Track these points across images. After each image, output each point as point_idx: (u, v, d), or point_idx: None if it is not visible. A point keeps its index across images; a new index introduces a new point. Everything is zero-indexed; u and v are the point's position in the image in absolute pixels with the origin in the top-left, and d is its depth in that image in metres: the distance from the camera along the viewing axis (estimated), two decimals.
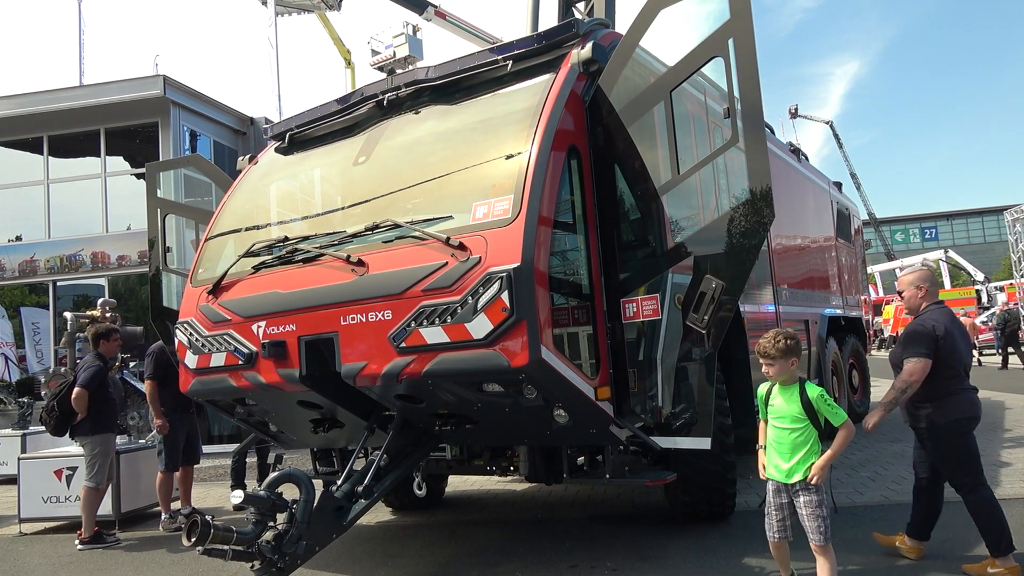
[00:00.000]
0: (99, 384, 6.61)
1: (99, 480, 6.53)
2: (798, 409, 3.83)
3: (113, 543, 6.50)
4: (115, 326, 7.44)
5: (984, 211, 71.12)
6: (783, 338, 3.84)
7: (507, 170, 4.31)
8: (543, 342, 4.01)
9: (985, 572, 4.28)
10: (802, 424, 3.82)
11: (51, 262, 18.50)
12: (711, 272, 4.27)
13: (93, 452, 6.54)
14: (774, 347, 3.83)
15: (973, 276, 39.52)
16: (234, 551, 4.00)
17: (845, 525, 5.36)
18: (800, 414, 3.82)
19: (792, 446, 3.85)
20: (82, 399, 6.45)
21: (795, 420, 3.84)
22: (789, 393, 3.89)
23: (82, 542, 6.43)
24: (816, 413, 3.81)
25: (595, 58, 4.69)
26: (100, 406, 6.60)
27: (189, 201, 10.11)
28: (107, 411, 6.68)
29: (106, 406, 6.67)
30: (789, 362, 3.85)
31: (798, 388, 3.87)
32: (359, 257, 4.54)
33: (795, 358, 3.87)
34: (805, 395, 3.82)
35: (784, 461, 3.87)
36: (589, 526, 5.98)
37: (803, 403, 3.81)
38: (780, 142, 8.74)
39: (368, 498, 4.62)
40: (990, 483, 6.17)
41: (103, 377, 6.70)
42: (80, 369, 6.76)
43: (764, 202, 4.15)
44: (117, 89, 17.67)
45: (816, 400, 3.79)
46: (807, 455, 3.80)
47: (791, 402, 3.86)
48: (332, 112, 5.78)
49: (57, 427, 6.64)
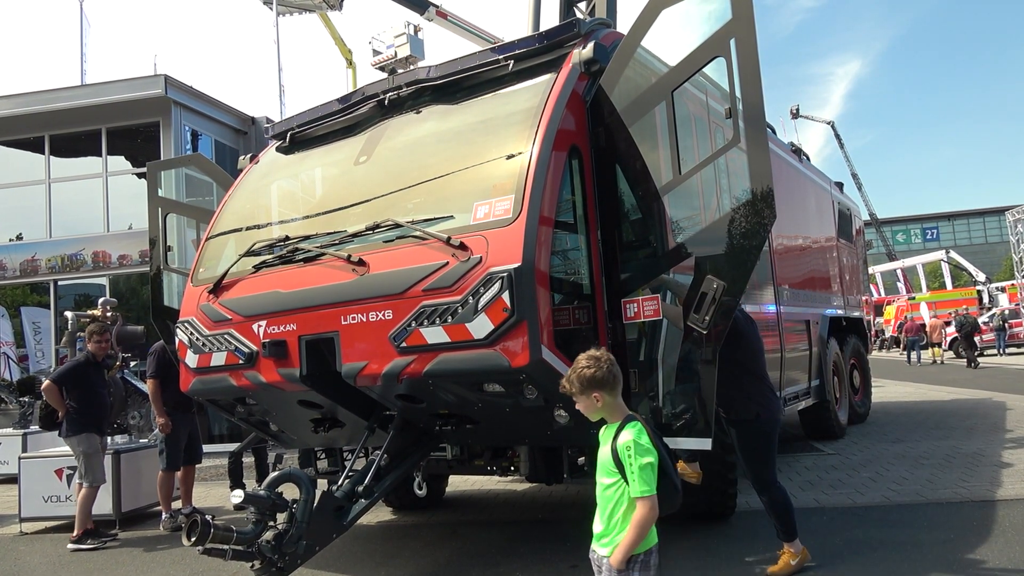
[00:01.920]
0: (76, 380, 6.55)
1: (92, 479, 6.49)
2: (609, 458, 2.81)
3: (105, 543, 6.43)
4: (106, 324, 7.39)
5: (986, 211, 71.10)
6: (583, 366, 2.85)
7: (508, 170, 4.31)
8: (544, 342, 4.00)
9: (788, 566, 4.50)
10: (614, 479, 2.79)
11: (52, 261, 18.51)
12: (712, 273, 4.26)
13: (77, 451, 6.52)
14: (575, 376, 2.85)
15: (975, 277, 39.50)
16: (234, 551, 4.00)
17: (846, 526, 5.36)
18: (611, 464, 2.79)
19: (605, 505, 2.84)
20: (51, 392, 6.43)
21: (607, 472, 2.83)
22: (607, 435, 2.87)
23: (73, 541, 6.38)
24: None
25: (596, 58, 4.68)
26: (81, 405, 6.53)
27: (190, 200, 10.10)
28: (89, 411, 6.58)
29: (89, 406, 6.58)
30: (592, 397, 2.84)
31: (615, 429, 2.84)
32: (360, 257, 4.54)
33: (599, 391, 2.83)
34: (615, 440, 2.79)
35: (599, 522, 2.88)
36: (590, 526, 5.95)
37: (613, 450, 2.79)
38: (781, 142, 8.73)
39: (368, 498, 4.62)
40: (992, 483, 6.21)
41: (82, 373, 6.62)
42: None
43: (765, 203, 4.14)
44: (118, 89, 17.69)
45: (621, 450, 2.74)
46: (621, 523, 2.77)
47: (605, 445, 2.86)
48: (333, 112, 5.77)
49: (44, 420, 6.67)
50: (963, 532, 4.99)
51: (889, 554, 4.70)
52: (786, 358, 7.37)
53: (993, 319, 27.43)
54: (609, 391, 2.85)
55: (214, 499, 8.23)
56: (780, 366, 7.23)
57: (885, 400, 13.54)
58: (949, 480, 6.49)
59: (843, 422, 9.46)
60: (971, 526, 5.13)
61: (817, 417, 9.05)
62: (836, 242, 10.26)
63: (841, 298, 10.13)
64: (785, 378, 7.37)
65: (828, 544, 4.95)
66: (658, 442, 2.80)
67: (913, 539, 4.95)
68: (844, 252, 10.64)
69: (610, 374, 2.85)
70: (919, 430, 9.67)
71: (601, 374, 2.82)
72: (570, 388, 2.87)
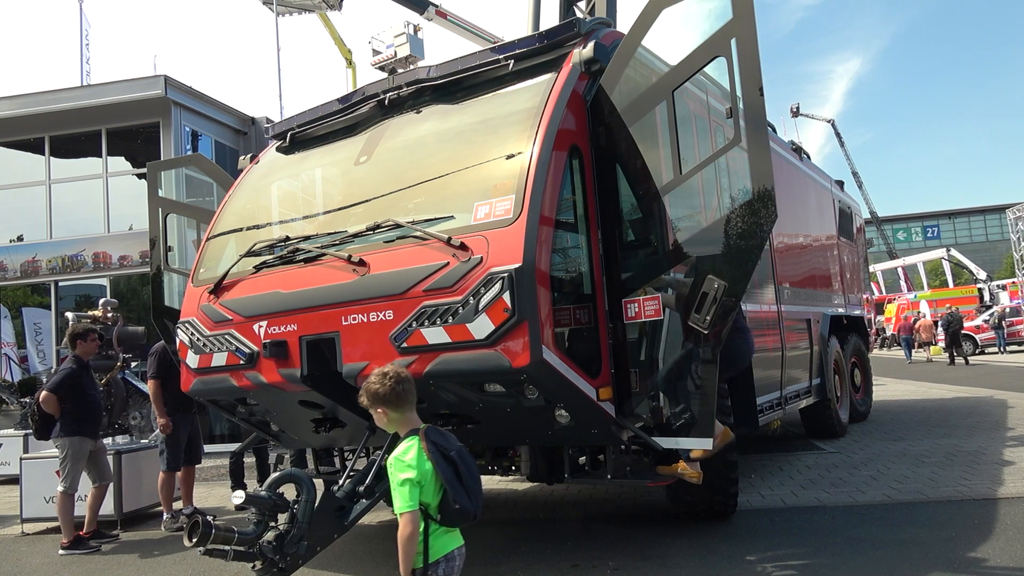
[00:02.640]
0: (71, 387, 6.47)
1: (68, 485, 6.37)
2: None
3: (96, 549, 6.35)
4: (93, 326, 7.31)
5: (986, 209, 71.12)
6: (370, 381, 2.95)
7: (508, 170, 4.31)
8: (544, 342, 4.00)
9: (675, 472, 4.59)
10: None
11: (53, 262, 18.51)
12: (713, 272, 4.25)
13: (63, 454, 6.41)
14: (363, 390, 2.96)
15: (975, 275, 39.45)
16: (235, 552, 4.00)
17: (848, 524, 5.36)
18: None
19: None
20: (50, 402, 6.34)
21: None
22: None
23: (63, 548, 6.30)
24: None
25: (597, 58, 4.68)
26: (75, 408, 6.44)
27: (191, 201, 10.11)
28: (83, 413, 6.49)
29: (84, 408, 6.50)
30: (378, 411, 2.94)
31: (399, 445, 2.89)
32: (360, 257, 4.54)
33: (382, 407, 2.92)
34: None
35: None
36: (590, 526, 5.97)
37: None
38: (782, 141, 8.73)
39: (370, 498, 4.61)
40: (994, 482, 6.20)
41: (76, 380, 6.53)
42: (56, 372, 6.71)
43: (766, 202, 4.14)
44: (118, 89, 17.69)
45: (388, 465, 2.82)
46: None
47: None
48: (333, 112, 5.77)
49: (39, 431, 6.58)
50: (965, 530, 4.99)
51: (890, 553, 4.69)
52: (787, 357, 7.37)
53: (992, 317, 27.46)
54: (393, 407, 2.92)
55: (215, 499, 8.23)
56: (781, 365, 7.23)
57: (886, 398, 13.54)
58: (950, 478, 6.49)
59: (844, 420, 9.46)
60: (973, 524, 5.12)
61: (818, 416, 9.05)
62: (837, 240, 10.25)
63: (842, 296, 10.13)
64: (786, 377, 7.37)
65: (829, 543, 4.95)
66: (437, 457, 2.81)
67: (915, 538, 4.94)
68: (845, 250, 10.64)
69: (392, 391, 2.90)
70: (920, 428, 9.67)
71: (384, 391, 2.90)
72: (361, 401, 2.95)
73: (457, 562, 2.89)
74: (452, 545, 2.87)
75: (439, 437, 2.90)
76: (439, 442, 2.86)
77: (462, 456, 2.91)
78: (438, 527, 2.84)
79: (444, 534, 2.86)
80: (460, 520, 2.85)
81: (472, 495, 2.86)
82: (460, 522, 2.86)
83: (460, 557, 2.91)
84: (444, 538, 2.85)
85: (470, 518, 2.84)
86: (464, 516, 2.83)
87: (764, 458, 8.11)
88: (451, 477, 2.81)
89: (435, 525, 2.83)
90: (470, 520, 2.84)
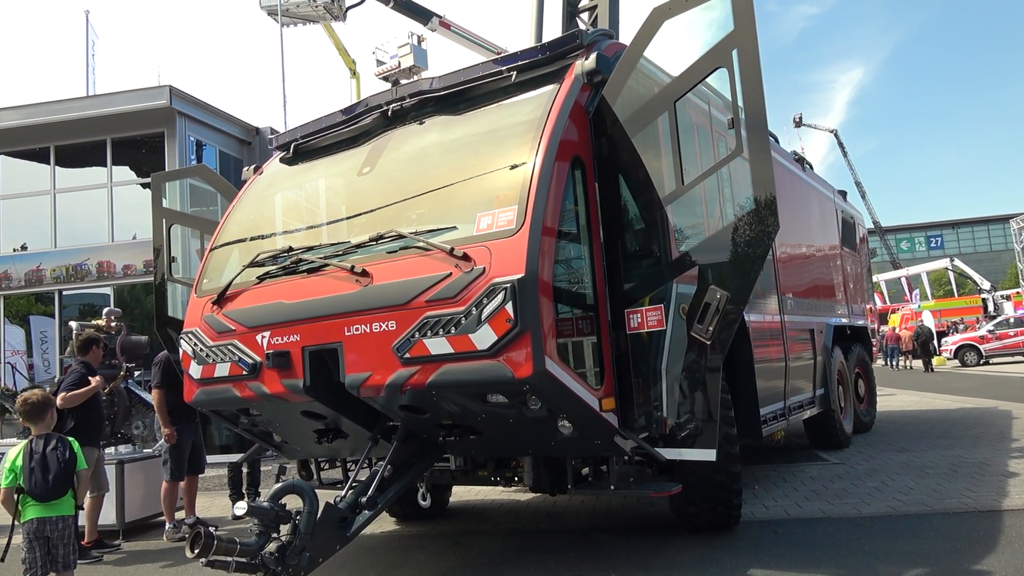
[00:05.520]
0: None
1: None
2: None
3: (98, 559, 6.34)
4: (98, 335, 7.32)
5: (990, 219, 70.99)
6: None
7: (511, 181, 4.32)
8: (547, 353, 4.00)
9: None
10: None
11: (57, 271, 18.55)
12: (716, 282, 4.25)
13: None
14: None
15: (979, 285, 39.39)
16: (238, 563, 4.00)
17: (852, 535, 5.34)
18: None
19: None
20: (75, 399, 6.30)
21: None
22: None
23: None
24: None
25: (599, 69, 4.70)
26: (80, 416, 6.39)
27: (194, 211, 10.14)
28: (87, 423, 6.45)
29: (88, 418, 6.47)
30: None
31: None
32: (363, 267, 4.55)
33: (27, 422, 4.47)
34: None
35: None
36: (593, 536, 5.95)
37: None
38: (784, 151, 8.74)
39: (372, 509, 4.61)
40: (999, 493, 6.18)
41: (86, 383, 6.48)
42: (66, 375, 6.69)
43: (769, 212, 4.15)
44: (123, 99, 17.76)
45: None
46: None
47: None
48: (337, 122, 5.79)
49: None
50: (970, 542, 4.96)
51: (895, 565, 4.66)
52: (790, 367, 7.35)
53: (997, 328, 27.53)
54: (31, 421, 4.46)
55: (217, 509, 8.22)
56: (784, 375, 7.22)
57: (890, 409, 13.49)
58: (955, 490, 6.46)
59: (848, 431, 9.42)
60: (978, 536, 5.10)
61: (822, 426, 9.01)
62: (840, 250, 10.25)
63: (845, 307, 10.12)
64: (790, 387, 7.36)
65: (834, 555, 4.93)
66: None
67: (919, 549, 4.92)
68: (848, 260, 10.63)
69: (37, 406, 4.48)
70: (925, 439, 9.63)
71: (25, 408, 4.39)
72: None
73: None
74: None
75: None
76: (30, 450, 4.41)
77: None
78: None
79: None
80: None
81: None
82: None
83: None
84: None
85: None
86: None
87: (768, 469, 8.08)
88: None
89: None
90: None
